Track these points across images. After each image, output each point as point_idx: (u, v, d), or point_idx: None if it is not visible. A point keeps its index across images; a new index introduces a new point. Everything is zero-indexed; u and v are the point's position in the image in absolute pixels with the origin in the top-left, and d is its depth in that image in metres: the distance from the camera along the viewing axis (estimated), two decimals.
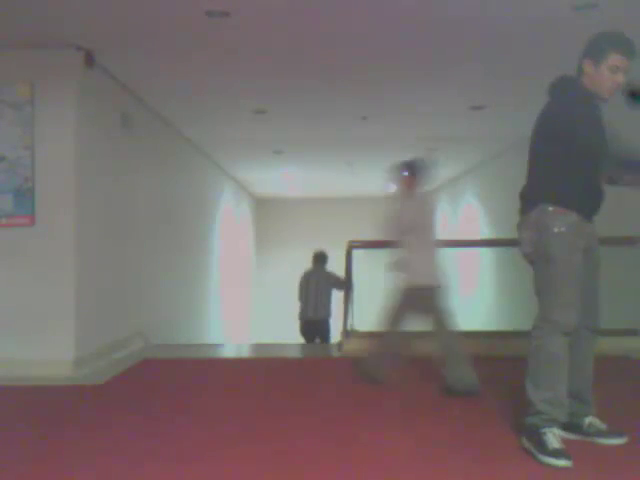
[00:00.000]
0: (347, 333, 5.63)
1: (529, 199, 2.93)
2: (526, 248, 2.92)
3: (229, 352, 6.84)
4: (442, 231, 4.43)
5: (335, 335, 6.32)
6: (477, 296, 10.86)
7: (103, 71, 5.19)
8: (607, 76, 2.80)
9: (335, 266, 7.12)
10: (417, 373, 4.45)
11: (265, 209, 15.58)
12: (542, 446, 2.67)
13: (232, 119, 7.21)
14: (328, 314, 7.31)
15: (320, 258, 7.53)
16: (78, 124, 4.77)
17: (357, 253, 5.79)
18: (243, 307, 13.24)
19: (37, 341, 4.63)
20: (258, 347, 7.12)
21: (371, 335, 5.54)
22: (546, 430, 2.70)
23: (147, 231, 6.41)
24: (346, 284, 5.83)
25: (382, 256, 4.47)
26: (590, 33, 2.88)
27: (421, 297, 4.00)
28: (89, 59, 4.82)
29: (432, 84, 5.89)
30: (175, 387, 4.30)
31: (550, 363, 2.76)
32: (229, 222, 11.64)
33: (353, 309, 5.76)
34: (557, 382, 2.75)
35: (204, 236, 9.54)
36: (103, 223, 5.25)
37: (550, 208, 2.80)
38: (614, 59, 2.79)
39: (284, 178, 12.25)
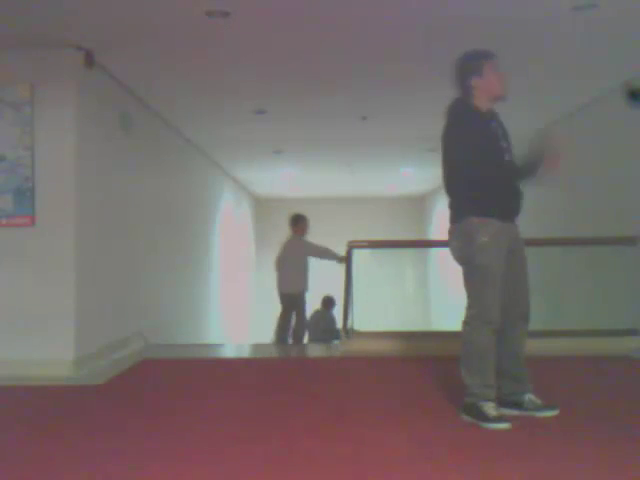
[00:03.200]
0: (348, 333, 5.64)
1: (457, 211, 3.30)
2: (455, 254, 3.32)
3: (229, 352, 6.84)
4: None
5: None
6: None
7: (103, 71, 5.19)
8: (494, 77, 3.31)
9: (335, 267, 7.10)
10: (417, 373, 4.45)
11: (265, 209, 15.55)
12: (483, 416, 3.10)
13: (232, 119, 7.20)
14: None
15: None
16: (78, 124, 4.77)
17: (357, 253, 5.79)
18: (243, 307, 13.23)
19: (37, 341, 4.62)
20: (258, 347, 7.11)
21: (371, 335, 5.57)
22: (482, 403, 3.14)
23: (147, 231, 6.41)
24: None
25: (383, 256, 4.47)
26: (590, 33, 2.89)
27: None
28: (89, 59, 4.82)
29: (432, 84, 5.88)
30: (175, 387, 4.30)
31: (478, 353, 3.19)
32: (229, 222, 11.63)
33: (353, 309, 5.76)
34: (485, 368, 3.18)
35: (204, 236, 9.53)
36: (103, 223, 5.25)
37: (475, 219, 3.18)
38: (491, 63, 3.31)
39: (284, 178, 12.24)
